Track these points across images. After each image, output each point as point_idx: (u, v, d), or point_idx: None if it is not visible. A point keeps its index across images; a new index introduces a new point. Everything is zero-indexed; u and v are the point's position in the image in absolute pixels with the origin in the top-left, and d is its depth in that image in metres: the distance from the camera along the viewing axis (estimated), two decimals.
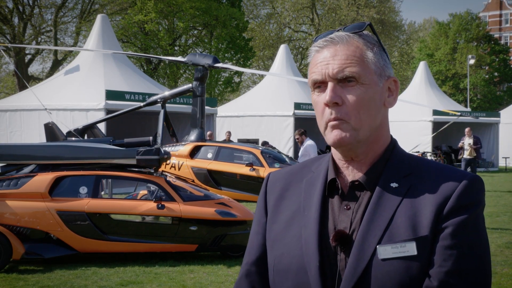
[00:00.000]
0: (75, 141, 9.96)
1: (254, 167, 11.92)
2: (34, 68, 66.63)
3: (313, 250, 1.42)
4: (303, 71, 48.25)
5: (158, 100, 11.25)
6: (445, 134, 26.06)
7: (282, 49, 28.51)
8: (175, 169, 12.12)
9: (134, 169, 9.34)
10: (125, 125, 19.50)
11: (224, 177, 12.22)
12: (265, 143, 19.69)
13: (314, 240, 1.43)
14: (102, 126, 15.58)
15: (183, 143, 12.34)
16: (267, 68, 44.26)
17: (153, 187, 8.96)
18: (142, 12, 34.41)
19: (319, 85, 1.45)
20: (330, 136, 1.42)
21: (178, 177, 10.07)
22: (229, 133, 21.18)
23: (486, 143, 29.99)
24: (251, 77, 50.38)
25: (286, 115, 24.36)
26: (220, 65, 11.85)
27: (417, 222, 1.38)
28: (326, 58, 1.43)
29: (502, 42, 67.21)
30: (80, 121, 14.70)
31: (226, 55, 37.81)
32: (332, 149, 1.50)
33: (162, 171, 9.73)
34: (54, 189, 8.64)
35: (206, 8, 34.98)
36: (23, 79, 24.16)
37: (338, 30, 1.48)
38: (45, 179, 8.63)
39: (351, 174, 1.47)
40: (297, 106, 24.01)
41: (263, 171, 11.84)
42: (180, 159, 12.24)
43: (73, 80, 18.80)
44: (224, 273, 8.02)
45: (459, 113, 22.31)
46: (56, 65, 36.15)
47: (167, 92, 11.57)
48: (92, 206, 8.55)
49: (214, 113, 19.95)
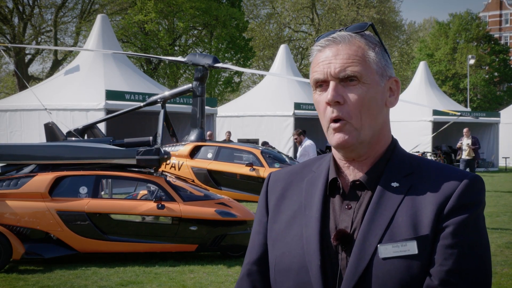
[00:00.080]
0: (75, 141, 9.96)
1: (254, 167, 11.90)
2: (34, 68, 66.66)
3: (315, 249, 1.42)
4: (303, 71, 48.22)
5: (158, 100, 11.24)
6: (445, 134, 26.05)
7: (282, 49, 28.50)
8: (175, 169, 12.11)
9: (134, 169, 9.34)
10: (125, 125, 19.49)
11: (224, 177, 12.21)
12: (265, 143, 19.68)
13: (316, 239, 1.43)
14: (102, 126, 15.58)
15: (183, 143, 12.34)
16: (267, 68, 44.24)
17: (153, 187, 8.96)
18: (142, 12, 34.40)
19: (321, 84, 1.45)
20: (333, 139, 1.43)
21: (178, 177, 10.07)
22: (229, 133, 21.18)
23: (486, 143, 29.98)
24: (251, 77, 50.37)
25: (286, 115, 24.35)
26: (220, 65, 11.85)
27: (418, 221, 1.38)
28: (328, 58, 1.44)
29: (502, 42, 67.20)
30: (80, 121, 14.69)
31: (226, 55, 37.81)
32: (333, 149, 1.51)
33: (162, 171, 9.73)
34: (54, 189, 8.64)
35: (206, 8, 34.98)
36: (23, 79, 24.15)
37: (340, 30, 1.48)
38: (45, 179, 8.63)
39: (352, 174, 1.47)
40: (297, 106, 24.00)
41: (263, 171, 11.83)
42: (180, 159, 12.23)
43: (73, 80, 18.79)
44: (224, 273, 8.01)
45: (459, 113, 22.29)
46: (56, 65, 36.15)
47: (167, 92, 11.57)
48: (92, 206, 8.55)
49: (214, 113, 19.95)
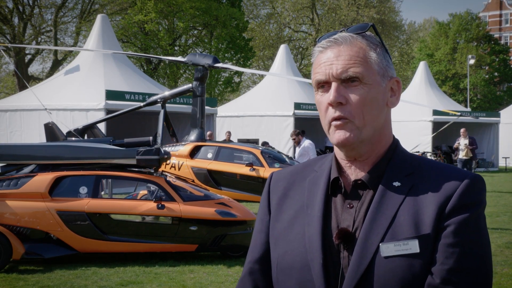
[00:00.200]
0: (75, 141, 9.96)
1: (254, 167, 11.90)
2: (34, 68, 66.67)
3: (317, 248, 1.43)
4: (303, 71, 48.23)
5: (158, 100, 11.24)
6: (445, 134, 26.04)
7: (282, 49, 28.49)
8: (175, 169, 12.11)
9: (134, 169, 9.34)
10: (125, 125, 19.49)
11: (224, 177, 12.21)
12: (265, 143, 19.67)
13: (318, 238, 1.44)
14: (102, 126, 15.57)
15: (183, 143, 12.33)
16: (267, 68, 44.24)
17: (153, 187, 8.96)
18: (142, 12, 34.40)
19: (323, 85, 1.46)
20: (334, 136, 1.44)
21: (178, 177, 10.07)
22: (229, 133, 21.17)
23: (486, 143, 29.98)
24: (251, 77, 50.37)
25: (286, 115, 24.34)
26: (220, 65, 11.85)
27: (420, 220, 1.39)
28: (330, 59, 1.44)
29: (502, 42, 67.20)
30: (80, 121, 14.69)
31: (226, 55, 37.80)
32: (335, 149, 1.52)
33: (162, 171, 9.73)
34: (54, 189, 8.64)
35: (206, 8, 34.97)
36: (23, 79, 24.15)
37: (341, 31, 1.49)
38: (45, 179, 8.63)
39: (354, 173, 1.48)
40: (297, 106, 23.99)
41: (263, 171, 11.83)
42: (180, 159, 12.23)
43: (73, 80, 18.78)
44: (224, 273, 8.01)
45: (459, 113, 22.28)
46: (56, 65, 36.15)
47: (167, 92, 11.57)
48: (92, 206, 8.54)
49: (214, 113, 19.93)
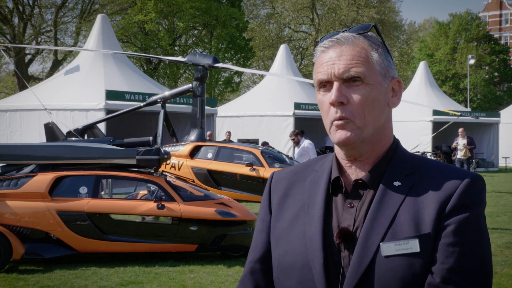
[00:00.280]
0: (75, 141, 9.96)
1: (254, 167, 11.90)
2: (34, 68, 66.67)
3: (318, 248, 1.44)
4: (303, 71, 48.24)
5: (158, 100, 11.24)
6: (445, 134, 26.03)
7: (282, 49, 28.48)
8: (175, 169, 12.10)
9: (134, 169, 9.34)
10: (125, 125, 19.48)
11: (224, 177, 12.20)
12: (265, 144, 19.66)
13: (319, 238, 1.45)
14: (102, 126, 15.57)
15: (183, 143, 12.33)
16: (267, 68, 44.23)
17: (153, 187, 8.95)
18: (142, 12, 34.40)
19: (325, 85, 1.46)
20: (335, 136, 1.44)
21: (178, 177, 10.07)
22: (229, 133, 21.17)
23: (486, 143, 29.97)
24: (251, 77, 50.37)
25: (286, 115, 24.33)
26: (220, 65, 11.84)
27: (420, 220, 1.40)
28: (332, 58, 1.45)
29: (502, 42, 67.20)
30: (80, 121, 14.69)
31: (226, 55, 37.79)
32: (336, 148, 1.52)
33: (162, 171, 9.72)
34: (54, 189, 8.64)
35: (206, 8, 34.97)
36: (23, 79, 24.15)
37: (343, 31, 1.49)
38: (45, 179, 8.63)
39: (355, 173, 1.49)
40: (297, 106, 23.98)
41: (263, 171, 11.83)
42: (180, 159, 12.23)
43: (73, 80, 18.78)
44: (224, 273, 8.01)
45: (459, 113, 22.27)
46: (56, 65, 36.14)
47: (167, 92, 11.56)
48: (92, 206, 8.54)
49: (214, 113, 19.93)
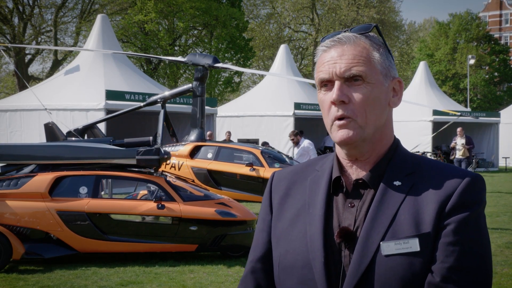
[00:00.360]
0: (75, 141, 9.96)
1: (254, 167, 11.90)
2: (34, 68, 66.66)
3: (318, 247, 1.44)
4: (303, 71, 48.24)
5: (158, 100, 11.24)
6: (445, 134, 26.03)
7: (282, 49, 28.47)
8: (175, 169, 12.11)
9: (134, 169, 9.34)
10: (125, 125, 19.48)
11: (224, 177, 12.21)
12: (265, 144, 19.66)
13: (319, 237, 1.45)
14: (102, 126, 15.57)
15: (183, 143, 12.33)
16: (267, 68, 44.23)
17: (153, 187, 8.95)
18: (142, 12, 34.40)
19: (326, 84, 1.47)
20: (337, 135, 1.45)
21: (178, 177, 10.07)
22: (229, 133, 21.16)
23: (486, 143, 29.96)
24: (251, 77, 50.37)
25: (286, 115, 24.33)
26: (220, 65, 11.84)
27: (420, 219, 1.40)
28: (334, 58, 1.46)
29: (502, 42, 67.20)
30: (80, 121, 14.69)
31: (226, 55, 37.79)
32: (337, 148, 1.53)
33: (162, 171, 9.72)
34: (54, 189, 8.63)
35: (206, 8, 34.97)
36: (23, 79, 24.15)
37: (345, 31, 1.50)
38: (45, 179, 8.63)
39: (355, 173, 1.49)
40: (297, 106, 23.98)
41: (263, 171, 11.83)
42: (180, 159, 12.23)
43: (73, 80, 18.78)
44: (224, 273, 8.01)
45: (459, 113, 22.27)
46: (56, 65, 36.14)
47: (167, 92, 11.56)
48: (92, 206, 8.54)
49: (214, 113, 19.92)
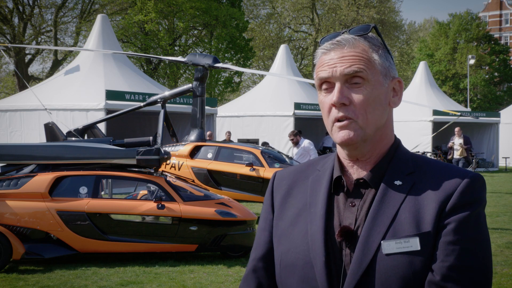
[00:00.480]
0: (75, 141, 9.96)
1: (254, 167, 11.90)
2: (34, 68, 66.71)
3: (319, 246, 1.45)
4: (303, 71, 48.25)
5: (158, 100, 11.24)
6: (445, 134, 26.02)
7: (282, 49, 28.47)
8: (175, 169, 12.11)
9: (134, 169, 9.34)
10: (125, 125, 19.50)
11: (224, 177, 12.21)
12: (265, 144, 19.66)
13: (320, 236, 1.46)
14: (102, 126, 15.57)
15: (183, 143, 12.33)
16: (267, 68, 44.24)
17: (153, 187, 8.95)
18: (142, 12, 34.40)
19: (326, 87, 1.48)
20: (338, 135, 1.46)
21: (178, 177, 10.07)
22: (229, 133, 21.17)
23: (486, 143, 29.96)
24: (251, 77, 50.37)
25: (286, 115, 24.33)
26: (220, 65, 11.85)
27: (420, 218, 1.41)
28: (333, 59, 1.47)
29: (502, 42, 67.19)
30: (80, 121, 14.69)
31: (226, 55, 37.80)
32: (338, 148, 1.54)
33: (162, 171, 9.72)
34: (54, 189, 8.63)
35: (206, 8, 34.97)
36: (23, 79, 24.16)
37: (344, 32, 1.51)
38: (45, 179, 8.63)
39: (356, 172, 1.50)
40: (297, 106, 23.98)
41: (263, 171, 11.83)
42: (180, 159, 12.23)
43: (73, 80, 18.78)
44: (224, 273, 8.01)
45: (459, 113, 22.26)
46: (56, 65, 36.14)
47: (167, 92, 11.56)
48: (92, 206, 8.54)
49: (214, 113, 19.93)
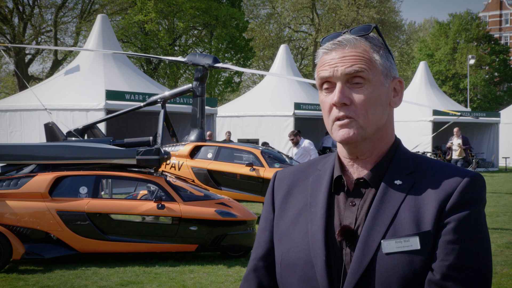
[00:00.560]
0: (75, 141, 9.96)
1: (254, 167, 11.90)
2: (34, 68, 66.72)
3: (320, 245, 1.46)
4: (303, 71, 48.25)
5: (158, 100, 11.24)
6: (445, 134, 26.01)
7: (282, 49, 28.47)
8: (175, 169, 12.11)
9: (134, 169, 9.34)
10: (125, 125, 19.50)
11: (224, 177, 12.21)
12: (265, 144, 19.65)
13: (321, 235, 1.47)
14: (102, 126, 15.57)
15: (183, 143, 12.34)
16: (267, 68, 44.24)
17: (153, 187, 8.95)
18: (142, 12, 34.40)
19: (327, 86, 1.48)
20: (338, 134, 1.46)
21: (178, 177, 10.07)
22: (229, 133, 21.16)
23: (486, 143, 29.96)
24: (251, 77, 50.37)
25: (286, 115, 24.33)
26: (220, 65, 11.85)
27: (420, 218, 1.41)
28: (334, 59, 1.47)
29: (502, 42, 67.19)
30: (80, 121, 14.69)
31: (226, 55, 37.80)
32: (338, 147, 1.55)
33: (162, 171, 9.72)
34: (54, 189, 8.63)
35: (206, 8, 34.98)
36: (23, 79, 24.16)
37: (344, 32, 1.51)
38: (45, 179, 8.63)
39: (356, 172, 1.51)
40: (297, 106, 23.98)
41: (263, 171, 11.83)
42: (180, 159, 12.23)
43: (73, 80, 18.78)
44: (224, 273, 8.01)
45: (459, 113, 22.26)
46: (56, 65, 36.14)
47: (167, 92, 11.57)
48: (92, 206, 8.54)
49: (214, 113, 19.93)
